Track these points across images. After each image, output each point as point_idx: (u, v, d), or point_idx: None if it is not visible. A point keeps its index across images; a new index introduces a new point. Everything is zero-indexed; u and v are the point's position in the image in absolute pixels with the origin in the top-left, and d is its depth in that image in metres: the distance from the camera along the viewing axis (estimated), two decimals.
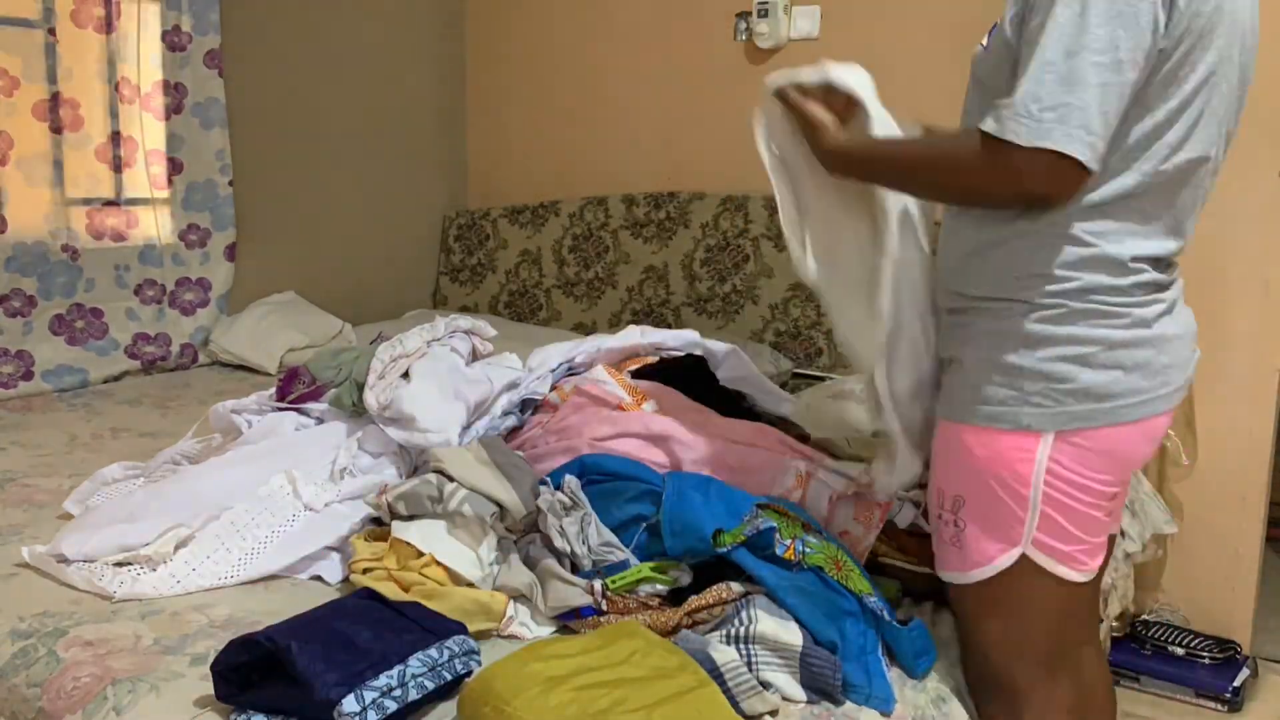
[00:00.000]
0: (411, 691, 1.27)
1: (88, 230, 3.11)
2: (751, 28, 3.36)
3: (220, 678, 1.27)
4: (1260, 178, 2.67)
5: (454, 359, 2.04)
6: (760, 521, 1.49)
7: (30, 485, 2.12)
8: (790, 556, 1.48)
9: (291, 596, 1.61)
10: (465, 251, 4.06)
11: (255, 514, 1.71)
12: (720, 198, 3.45)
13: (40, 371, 2.99)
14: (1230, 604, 2.82)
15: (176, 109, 3.22)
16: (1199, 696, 2.64)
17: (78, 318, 3.10)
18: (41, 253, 3.00)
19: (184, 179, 3.27)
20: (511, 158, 4.07)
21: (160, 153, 3.23)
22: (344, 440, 1.94)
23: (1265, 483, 2.78)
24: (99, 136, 3.09)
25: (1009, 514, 1.38)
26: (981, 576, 1.43)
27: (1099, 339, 1.32)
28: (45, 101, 2.95)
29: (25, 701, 1.39)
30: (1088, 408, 1.33)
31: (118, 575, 1.62)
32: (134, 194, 3.20)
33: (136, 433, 2.54)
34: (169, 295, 3.29)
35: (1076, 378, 1.32)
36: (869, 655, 1.43)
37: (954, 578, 1.47)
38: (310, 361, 2.17)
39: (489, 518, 1.62)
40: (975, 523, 1.41)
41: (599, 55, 3.77)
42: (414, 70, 3.95)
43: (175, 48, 3.18)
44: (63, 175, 3.02)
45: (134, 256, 3.21)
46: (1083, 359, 1.32)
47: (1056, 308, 1.33)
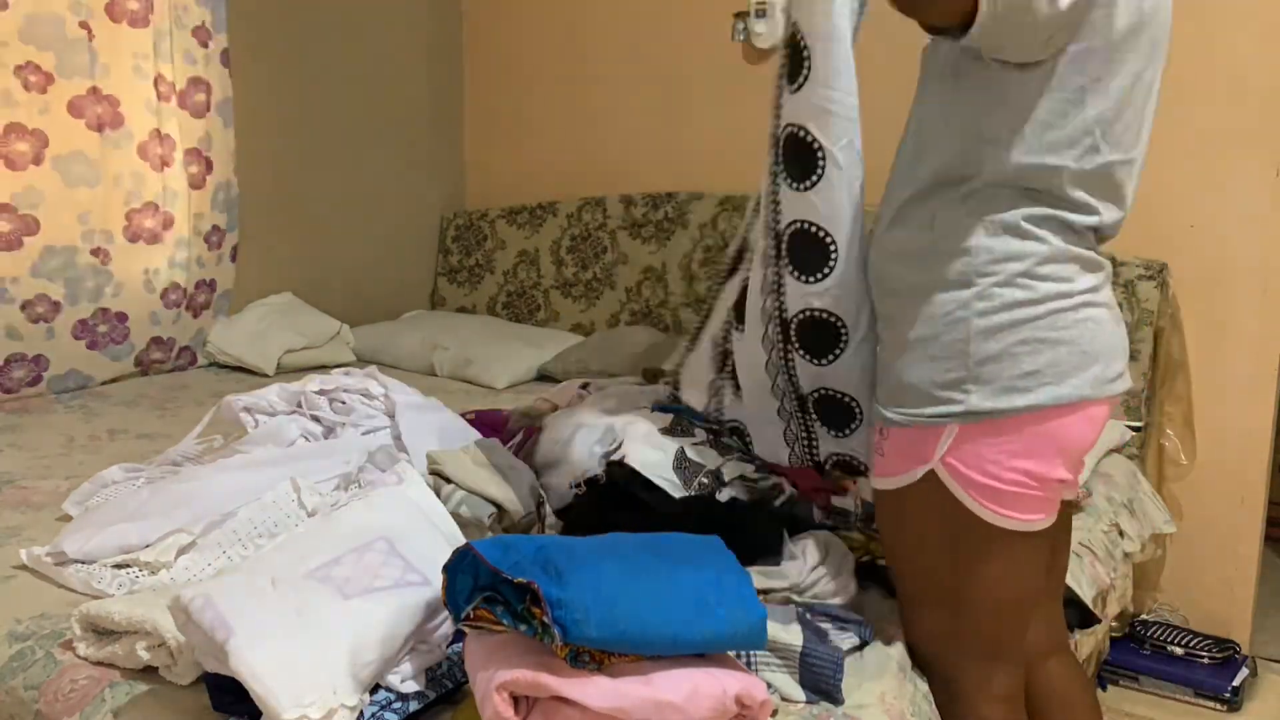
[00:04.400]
0: (413, 702, 1.26)
1: (125, 234, 3.01)
2: (749, 28, 3.36)
3: (215, 689, 1.25)
4: (1260, 178, 2.67)
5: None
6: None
7: (28, 487, 2.11)
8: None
9: None
10: (463, 252, 4.05)
11: (258, 521, 1.70)
12: (719, 198, 3.44)
13: (49, 378, 2.92)
14: (1229, 603, 2.82)
15: (207, 107, 3.16)
16: (1198, 696, 2.64)
17: (101, 322, 3.01)
18: (70, 257, 2.90)
19: (214, 179, 3.21)
20: (509, 158, 4.06)
21: (197, 151, 3.14)
22: (354, 452, 1.93)
23: (1264, 482, 2.78)
24: (139, 134, 2.99)
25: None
26: (890, 485, 1.45)
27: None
28: (83, 97, 2.85)
29: (22, 704, 1.39)
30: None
31: (116, 578, 1.62)
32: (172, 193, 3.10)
33: (134, 434, 2.54)
34: (188, 298, 3.23)
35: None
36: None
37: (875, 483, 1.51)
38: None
39: (487, 519, 1.62)
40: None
41: (596, 55, 3.76)
42: (411, 71, 3.95)
43: (203, 44, 3.13)
44: (101, 174, 2.92)
45: (164, 259, 3.13)
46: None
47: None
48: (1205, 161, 2.70)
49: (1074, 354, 1.36)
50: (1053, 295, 1.35)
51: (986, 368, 1.35)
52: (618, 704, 1.11)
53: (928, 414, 1.39)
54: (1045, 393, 1.35)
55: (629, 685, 1.13)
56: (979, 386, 1.35)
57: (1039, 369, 1.35)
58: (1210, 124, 2.70)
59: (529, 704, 1.13)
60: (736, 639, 1.20)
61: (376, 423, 2.07)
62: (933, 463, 1.39)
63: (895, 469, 1.44)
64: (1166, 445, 2.78)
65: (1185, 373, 2.77)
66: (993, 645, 1.47)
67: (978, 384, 1.36)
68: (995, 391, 1.35)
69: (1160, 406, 2.79)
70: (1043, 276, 1.35)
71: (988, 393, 1.35)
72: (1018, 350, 1.35)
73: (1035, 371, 1.35)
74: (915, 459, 1.41)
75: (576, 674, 1.12)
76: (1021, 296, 1.35)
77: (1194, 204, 2.73)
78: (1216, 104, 2.69)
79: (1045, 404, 1.35)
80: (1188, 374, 2.77)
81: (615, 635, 1.12)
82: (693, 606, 1.17)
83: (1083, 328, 1.36)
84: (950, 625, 1.47)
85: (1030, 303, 1.35)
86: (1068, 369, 1.35)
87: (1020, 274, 1.35)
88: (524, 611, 1.14)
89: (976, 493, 1.38)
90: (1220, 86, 2.68)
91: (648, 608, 1.14)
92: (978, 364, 1.35)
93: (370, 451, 1.88)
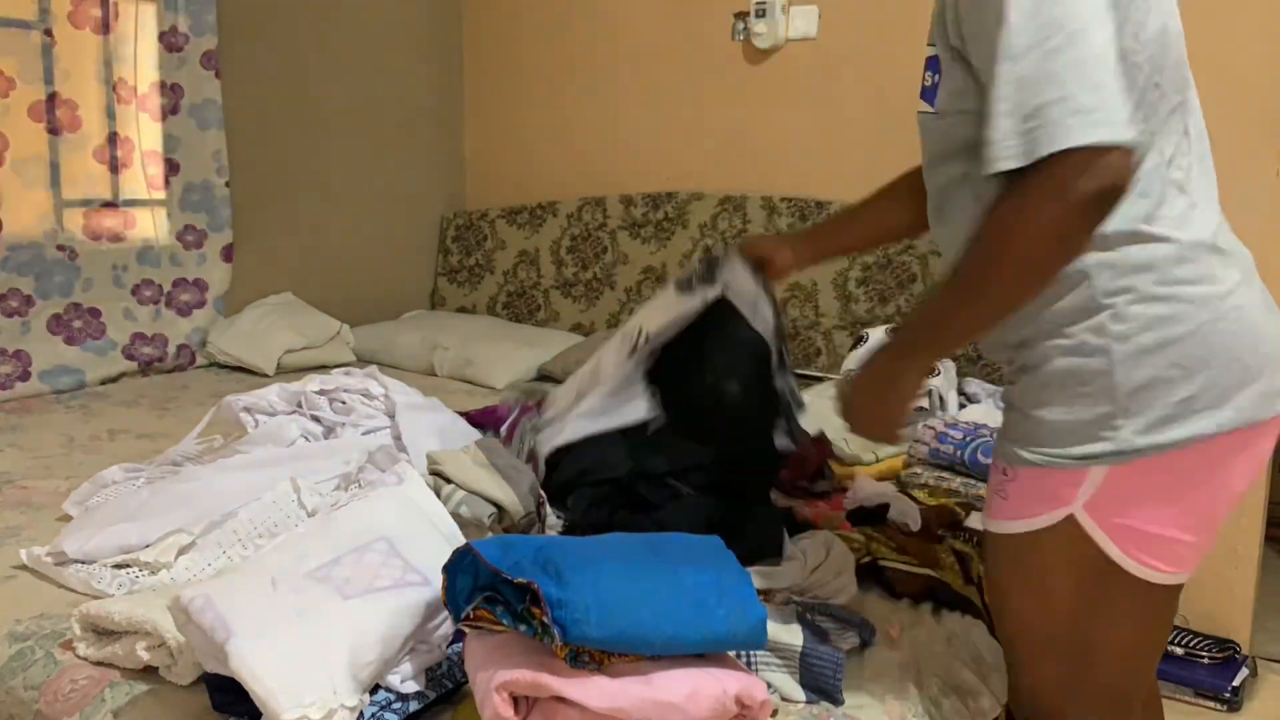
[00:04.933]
0: (413, 702, 1.26)
1: (85, 231, 3.11)
2: (749, 28, 3.36)
3: (215, 689, 1.25)
4: (1260, 177, 2.67)
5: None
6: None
7: (28, 487, 2.11)
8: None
9: None
10: (463, 252, 4.05)
11: (258, 521, 1.70)
12: (718, 198, 3.44)
13: (38, 372, 2.98)
14: (1229, 604, 2.82)
15: (173, 110, 3.22)
16: (1198, 696, 2.64)
17: (75, 317, 3.09)
18: (38, 252, 2.99)
19: (180, 180, 3.27)
20: (509, 158, 4.06)
21: (157, 153, 3.23)
22: (354, 452, 1.93)
23: (1264, 482, 2.78)
24: (97, 137, 3.09)
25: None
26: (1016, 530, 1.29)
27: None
28: (42, 102, 2.95)
29: (22, 704, 1.39)
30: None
31: (116, 578, 1.62)
32: (131, 195, 3.20)
33: (134, 434, 2.54)
34: (166, 296, 3.29)
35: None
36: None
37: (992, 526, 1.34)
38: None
39: (487, 519, 1.62)
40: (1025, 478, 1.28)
41: (596, 55, 3.76)
42: (411, 71, 3.95)
43: (172, 48, 3.18)
44: (59, 176, 3.02)
45: (131, 257, 3.21)
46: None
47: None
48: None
49: (1235, 369, 1.20)
50: (1197, 300, 1.20)
51: (1137, 398, 1.19)
52: (618, 704, 1.11)
53: (1075, 455, 1.22)
54: (1206, 419, 1.19)
55: (629, 685, 1.13)
56: (1129, 420, 1.20)
57: (1194, 394, 1.19)
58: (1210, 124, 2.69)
59: (529, 704, 1.13)
60: (736, 639, 1.20)
61: (376, 423, 2.07)
62: (1073, 507, 1.24)
63: (1025, 512, 1.27)
64: None
65: None
66: (1118, 699, 1.36)
67: (1128, 417, 1.20)
68: (1149, 425, 1.20)
69: None
70: (1181, 280, 1.20)
71: (1140, 426, 1.20)
72: (1171, 374, 1.19)
73: (1191, 397, 1.19)
74: (1052, 502, 1.25)
75: (576, 674, 1.12)
76: (1164, 312, 1.19)
77: None
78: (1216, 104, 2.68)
79: (1207, 433, 1.19)
80: None
81: (615, 635, 1.12)
82: (693, 606, 1.17)
83: (1238, 336, 1.21)
84: (1075, 676, 1.33)
85: (1173, 319, 1.19)
86: (1228, 387, 1.20)
87: (1155, 284, 1.19)
88: (524, 611, 1.14)
89: (1123, 541, 1.24)
90: (1220, 87, 2.68)
91: (648, 608, 1.14)
92: (1127, 395, 1.19)
93: (370, 451, 1.88)
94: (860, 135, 3.22)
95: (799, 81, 3.32)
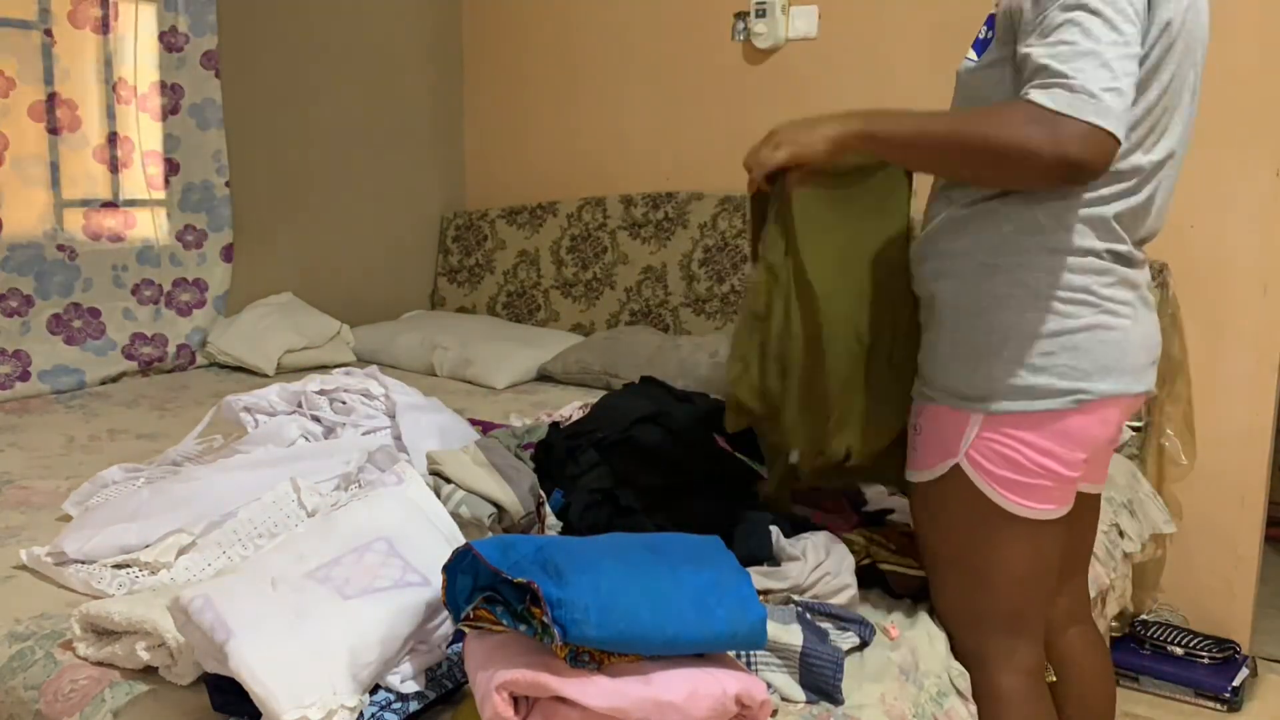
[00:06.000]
0: (413, 703, 1.26)
1: (84, 231, 3.11)
2: (749, 27, 3.36)
3: (215, 689, 1.25)
4: (1259, 177, 2.67)
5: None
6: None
7: (28, 487, 2.11)
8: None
9: None
10: (463, 252, 4.05)
11: (258, 522, 1.70)
12: (719, 198, 3.44)
13: (37, 372, 2.98)
14: (1229, 604, 2.82)
15: (173, 110, 3.22)
16: (1198, 696, 2.64)
17: (75, 317, 3.10)
18: (38, 252, 3.00)
19: (180, 180, 3.27)
20: (509, 158, 4.06)
21: (157, 154, 3.23)
22: (354, 452, 1.92)
23: (1264, 482, 2.78)
24: (96, 137, 3.09)
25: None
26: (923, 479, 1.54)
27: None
28: (42, 102, 2.95)
29: (22, 704, 1.38)
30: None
31: (116, 578, 1.62)
32: (131, 195, 3.20)
33: (134, 434, 2.54)
34: (166, 296, 3.29)
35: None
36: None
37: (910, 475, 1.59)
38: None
39: (487, 519, 1.62)
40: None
41: (596, 55, 3.76)
42: (411, 71, 3.95)
43: (172, 48, 3.18)
44: (59, 176, 3.02)
45: (131, 257, 3.21)
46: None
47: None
48: (1205, 162, 2.70)
49: (1103, 359, 1.44)
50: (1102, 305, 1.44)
51: (1014, 345, 1.44)
52: (617, 704, 1.11)
53: (958, 396, 1.47)
54: (1071, 384, 1.43)
55: (629, 685, 1.13)
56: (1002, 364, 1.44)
57: (1064, 361, 1.44)
58: (1210, 124, 2.70)
59: (529, 704, 1.13)
60: (736, 639, 1.20)
61: (377, 423, 2.07)
62: (958, 457, 1.48)
63: (928, 463, 1.53)
64: (1166, 445, 2.78)
65: (1185, 373, 2.76)
66: (1014, 617, 1.55)
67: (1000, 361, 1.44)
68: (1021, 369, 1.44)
69: (1160, 406, 2.79)
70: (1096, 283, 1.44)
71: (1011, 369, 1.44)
72: (1046, 330, 1.43)
73: (1062, 362, 1.43)
74: (944, 454, 1.50)
75: (576, 674, 1.12)
76: (1070, 297, 1.43)
77: (1194, 204, 2.73)
78: (1216, 105, 2.69)
79: (1075, 394, 1.43)
80: (1187, 374, 2.77)
81: (615, 635, 1.11)
82: (692, 606, 1.17)
83: (1119, 344, 1.45)
84: (974, 597, 1.55)
85: (1076, 305, 1.43)
86: (1092, 370, 1.44)
87: (1079, 275, 1.43)
88: (524, 611, 1.13)
89: (999, 486, 1.47)
90: (1220, 87, 2.68)
91: (647, 608, 1.14)
92: (1004, 340, 1.44)
93: (370, 451, 1.88)
94: None
95: (799, 81, 3.32)
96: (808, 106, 3.29)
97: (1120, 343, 1.44)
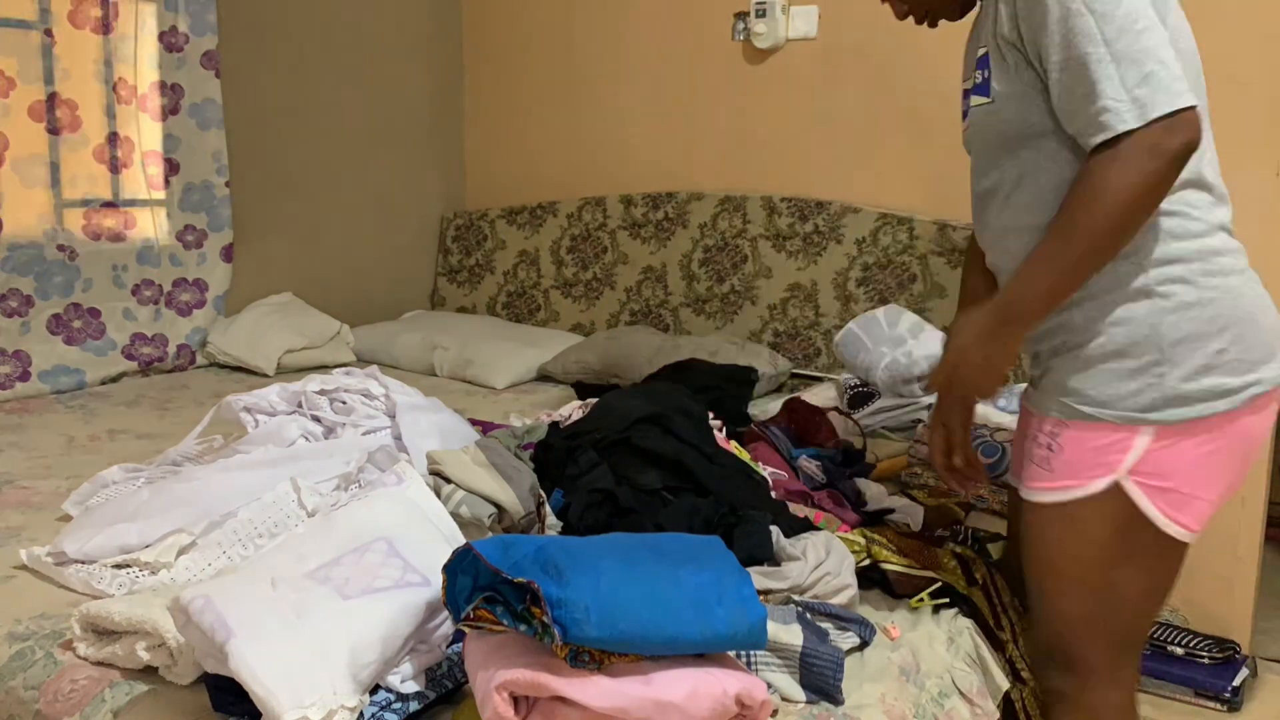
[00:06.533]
0: (413, 703, 1.26)
1: (84, 231, 3.11)
2: (749, 27, 3.36)
3: (215, 689, 1.25)
4: (1259, 177, 2.67)
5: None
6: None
7: (28, 487, 2.11)
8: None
9: None
10: (463, 252, 4.05)
11: (258, 522, 1.70)
12: (719, 198, 3.44)
13: (37, 372, 2.98)
14: (1229, 604, 2.82)
15: (173, 110, 3.22)
16: (1198, 696, 2.64)
17: (75, 318, 3.09)
18: (38, 252, 2.99)
19: (180, 180, 3.27)
20: (509, 158, 4.06)
21: (157, 154, 3.22)
22: (354, 452, 1.92)
23: (1264, 483, 2.77)
24: (96, 137, 3.09)
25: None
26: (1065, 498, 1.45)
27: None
28: (42, 102, 2.95)
29: (22, 704, 1.39)
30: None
31: (116, 578, 1.62)
32: (131, 195, 3.20)
33: (134, 434, 2.54)
34: (166, 296, 3.29)
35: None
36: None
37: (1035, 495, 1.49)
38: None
39: (487, 519, 1.62)
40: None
41: (596, 55, 3.76)
42: (411, 71, 3.95)
43: (172, 48, 3.18)
44: (59, 176, 3.02)
45: (131, 257, 3.21)
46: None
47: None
48: None
49: (1260, 335, 1.40)
50: (1228, 271, 1.43)
51: (1180, 349, 1.39)
52: (618, 704, 1.11)
53: (1123, 410, 1.39)
54: (1237, 378, 1.38)
55: (629, 685, 1.13)
56: (1173, 368, 1.39)
57: (1227, 347, 1.38)
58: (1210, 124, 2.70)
59: (529, 704, 1.13)
60: (736, 639, 1.20)
61: (377, 423, 2.07)
62: (1118, 474, 1.40)
63: (1072, 483, 1.44)
64: None
65: None
66: (1130, 638, 1.52)
67: (1172, 365, 1.39)
68: (1192, 372, 1.38)
69: None
70: (1215, 254, 1.43)
71: (1184, 373, 1.39)
72: (1208, 329, 1.38)
73: (1224, 349, 1.38)
74: (1100, 469, 1.42)
75: (576, 674, 1.12)
76: (1203, 281, 1.40)
77: None
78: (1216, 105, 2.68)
79: (1241, 388, 1.38)
80: None
81: (615, 635, 1.12)
82: (693, 606, 1.17)
83: (1257, 305, 1.42)
84: (1099, 615, 1.49)
85: (1209, 288, 1.40)
86: (1255, 355, 1.39)
87: (1193, 257, 1.40)
88: (524, 611, 1.14)
89: (1160, 503, 1.40)
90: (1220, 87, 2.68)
91: (648, 608, 1.14)
92: (1171, 346, 1.38)
93: (370, 451, 1.88)
94: (860, 135, 3.22)
95: (799, 81, 3.32)
96: (808, 106, 3.30)
97: (1276, 316, 1.42)
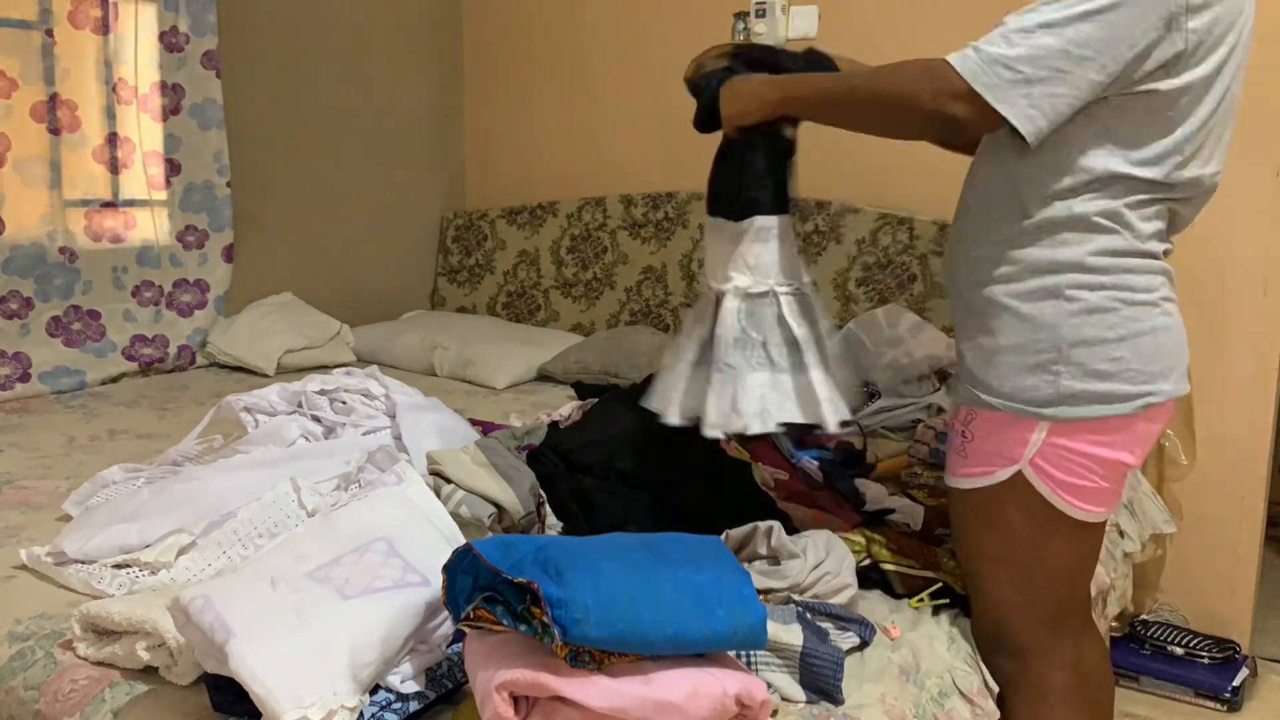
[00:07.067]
0: (413, 703, 1.26)
1: (86, 232, 3.11)
2: (749, 27, 3.36)
3: (215, 689, 1.25)
4: (1260, 178, 2.67)
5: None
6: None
7: (28, 487, 2.11)
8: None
9: None
10: (463, 252, 4.05)
11: (258, 522, 1.70)
12: None
13: (38, 373, 2.98)
14: (1229, 604, 2.82)
15: (174, 110, 3.22)
16: (1198, 696, 2.64)
17: (75, 320, 3.09)
18: (39, 254, 2.99)
19: (181, 180, 3.27)
20: (509, 158, 4.06)
21: (158, 154, 3.22)
22: (354, 452, 1.92)
23: (1264, 482, 2.78)
24: (96, 138, 3.09)
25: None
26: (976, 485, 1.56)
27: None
28: (43, 103, 2.95)
29: (22, 704, 1.39)
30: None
31: (116, 578, 1.62)
32: (131, 195, 3.20)
33: (134, 435, 2.54)
34: (166, 297, 3.29)
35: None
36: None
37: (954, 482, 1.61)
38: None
39: (487, 519, 1.62)
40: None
41: (596, 55, 3.76)
42: (411, 71, 3.95)
43: (173, 49, 3.18)
44: (60, 177, 3.02)
45: (131, 258, 3.21)
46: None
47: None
48: None
49: (1158, 356, 1.50)
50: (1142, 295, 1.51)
51: (1079, 351, 1.47)
52: (618, 704, 1.11)
53: (1024, 403, 1.48)
54: (1131, 387, 1.48)
55: (629, 685, 1.13)
56: (1069, 368, 1.47)
57: (1125, 356, 1.48)
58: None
59: (529, 704, 1.13)
60: (736, 639, 1.20)
61: (377, 423, 2.07)
62: (1021, 464, 1.50)
63: (983, 470, 1.55)
64: (1166, 445, 2.78)
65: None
66: (1059, 612, 1.59)
67: (1069, 365, 1.47)
68: (1086, 375, 1.48)
69: None
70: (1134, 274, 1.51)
71: (1078, 374, 1.48)
72: (1108, 336, 1.47)
73: (1122, 357, 1.47)
74: (1006, 460, 1.52)
75: (576, 674, 1.12)
76: (1117, 295, 1.49)
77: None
78: None
79: (1135, 397, 1.48)
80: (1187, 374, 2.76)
81: (615, 635, 1.11)
82: (693, 606, 1.17)
83: (1168, 333, 1.52)
84: (1025, 595, 1.57)
85: (1122, 302, 1.48)
86: (1151, 371, 1.49)
87: (1120, 273, 1.49)
88: (524, 611, 1.13)
89: (1061, 491, 1.50)
90: None
91: (648, 608, 1.14)
92: (1071, 347, 1.46)
93: (370, 451, 1.88)
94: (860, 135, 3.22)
95: None
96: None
97: (1180, 342, 1.50)
